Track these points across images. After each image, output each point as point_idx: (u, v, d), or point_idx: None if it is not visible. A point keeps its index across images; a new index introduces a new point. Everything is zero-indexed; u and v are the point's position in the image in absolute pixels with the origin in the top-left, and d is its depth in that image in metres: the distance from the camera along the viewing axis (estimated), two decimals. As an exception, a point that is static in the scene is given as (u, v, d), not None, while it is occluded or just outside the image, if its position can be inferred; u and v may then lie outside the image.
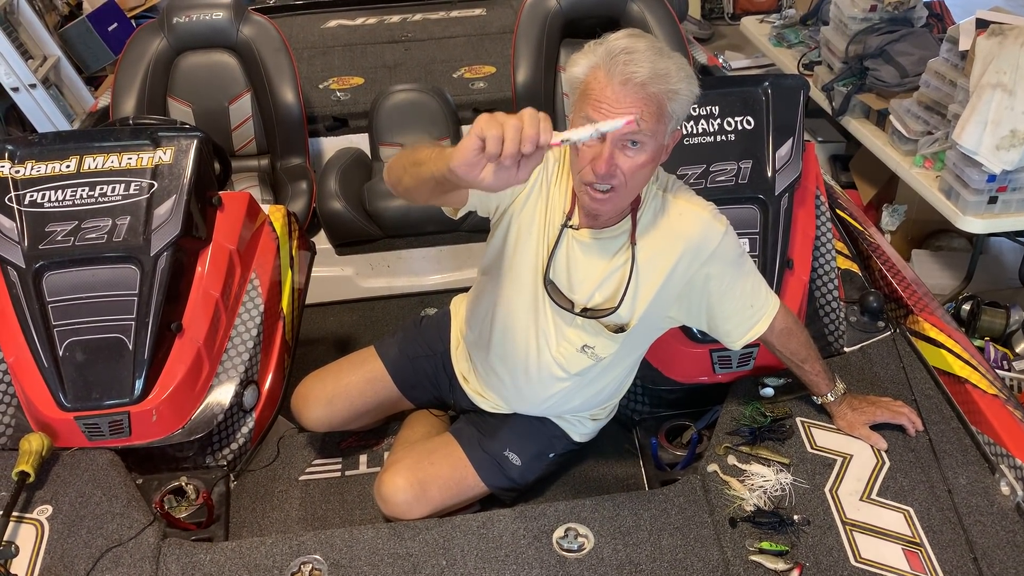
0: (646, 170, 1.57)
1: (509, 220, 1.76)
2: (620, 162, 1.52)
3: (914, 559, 1.62)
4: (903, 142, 3.33)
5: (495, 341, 1.88)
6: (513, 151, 1.24)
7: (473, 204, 1.71)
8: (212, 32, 3.05)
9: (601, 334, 1.77)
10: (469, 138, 1.28)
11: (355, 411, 2.08)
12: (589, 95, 1.51)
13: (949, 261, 3.47)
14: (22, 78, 4.09)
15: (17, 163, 2.08)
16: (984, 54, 2.85)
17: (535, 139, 1.25)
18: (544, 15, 3.07)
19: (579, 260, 1.73)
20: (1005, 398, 1.90)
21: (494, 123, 1.26)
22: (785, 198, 2.15)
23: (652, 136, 1.52)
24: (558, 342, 1.80)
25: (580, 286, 1.74)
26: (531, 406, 1.94)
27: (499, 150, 1.25)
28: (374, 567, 1.68)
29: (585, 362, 1.81)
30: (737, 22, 5.61)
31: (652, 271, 1.72)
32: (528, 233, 1.75)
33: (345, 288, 3.01)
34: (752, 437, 1.89)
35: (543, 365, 1.83)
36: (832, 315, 2.22)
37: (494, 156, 1.25)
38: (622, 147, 1.52)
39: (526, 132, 1.24)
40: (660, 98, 1.50)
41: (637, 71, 1.47)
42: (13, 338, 1.95)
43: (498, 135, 1.25)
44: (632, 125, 1.44)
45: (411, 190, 1.60)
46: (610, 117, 1.46)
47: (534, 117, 1.26)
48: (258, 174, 3.09)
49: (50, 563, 1.67)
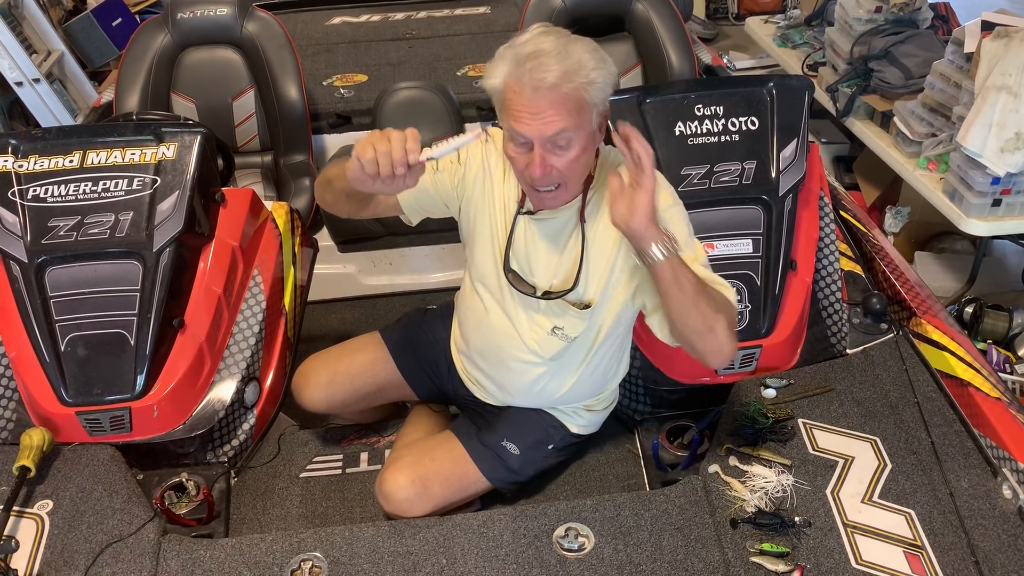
0: (582, 160, 1.60)
1: (465, 216, 1.83)
2: (554, 162, 1.56)
3: (915, 562, 1.61)
4: (907, 144, 3.32)
5: (472, 335, 1.92)
6: (387, 172, 1.46)
7: (415, 210, 1.83)
8: (216, 28, 3.05)
9: (567, 313, 1.78)
10: (352, 159, 1.49)
11: (356, 392, 2.08)
12: (508, 106, 1.54)
13: (952, 263, 3.47)
14: (26, 73, 4.09)
15: (20, 157, 2.08)
16: (989, 56, 2.84)
17: (403, 160, 1.46)
18: (549, 13, 3.07)
19: (536, 243, 1.76)
20: (1008, 401, 1.89)
21: (368, 147, 1.46)
22: (789, 199, 2.14)
23: (577, 130, 1.54)
24: (529, 327, 1.82)
25: (539, 269, 1.77)
26: (519, 397, 1.95)
27: (376, 171, 1.46)
28: (374, 565, 1.68)
29: (557, 344, 1.82)
30: (741, 22, 5.61)
31: (604, 245, 1.73)
32: (481, 225, 1.80)
33: (347, 285, 3.01)
34: (754, 438, 1.89)
35: (517, 353, 1.85)
36: (835, 316, 2.22)
37: (374, 175, 1.47)
38: (551, 149, 1.54)
39: (395, 155, 1.45)
40: (576, 93, 1.51)
41: (545, 76, 1.48)
42: (15, 333, 1.95)
43: (372, 158, 1.46)
44: (481, 137, 1.61)
45: (333, 204, 1.79)
46: (532, 124, 1.51)
47: (400, 139, 1.46)
48: (261, 170, 3.09)
49: (50, 558, 1.67)
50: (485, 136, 1.69)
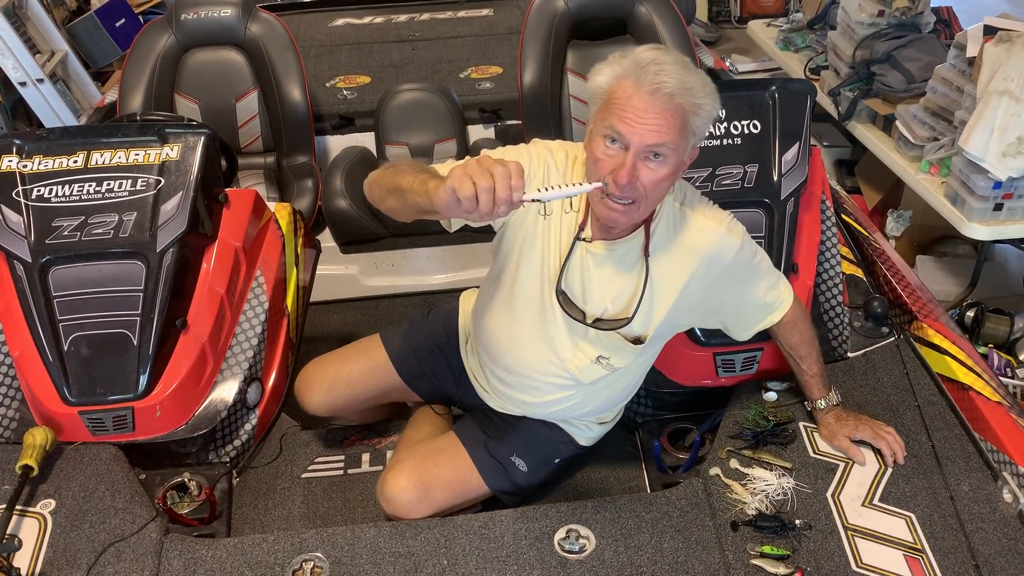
0: (665, 184, 1.57)
1: (513, 233, 1.76)
2: (641, 174, 1.52)
3: (915, 565, 1.62)
4: (909, 148, 3.33)
5: (502, 352, 1.88)
6: (487, 211, 1.31)
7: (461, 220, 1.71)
8: (220, 29, 3.05)
9: (617, 344, 1.77)
10: (445, 190, 1.34)
11: (356, 397, 2.08)
12: (614, 105, 1.51)
13: (954, 267, 3.47)
14: (30, 73, 4.10)
15: (25, 157, 2.08)
16: (991, 61, 2.85)
17: (507, 200, 1.31)
18: (552, 16, 3.07)
19: (592, 272, 1.72)
20: (1008, 405, 1.90)
21: (467, 181, 1.31)
22: (791, 202, 2.15)
23: (674, 150, 1.52)
24: (573, 353, 1.79)
25: (592, 298, 1.74)
26: (538, 411, 1.94)
27: (474, 207, 1.31)
28: (375, 565, 1.68)
29: (599, 372, 1.80)
30: (744, 26, 5.62)
31: (667, 284, 1.72)
32: (532, 246, 1.74)
33: (349, 286, 3.02)
34: (755, 441, 1.89)
35: (553, 376, 1.83)
36: (836, 320, 2.22)
37: (471, 211, 1.32)
38: (644, 158, 1.52)
39: (498, 194, 1.30)
40: (685, 111, 1.51)
41: (667, 81, 1.48)
42: (19, 332, 1.96)
43: (471, 195, 1.30)
44: (599, 190, 1.51)
45: (396, 212, 1.64)
46: (636, 127, 1.48)
47: (505, 176, 1.30)
48: (264, 172, 3.10)
49: (52, 557, 1.67)
50: (601, 194, 1.55)
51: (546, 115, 3.07)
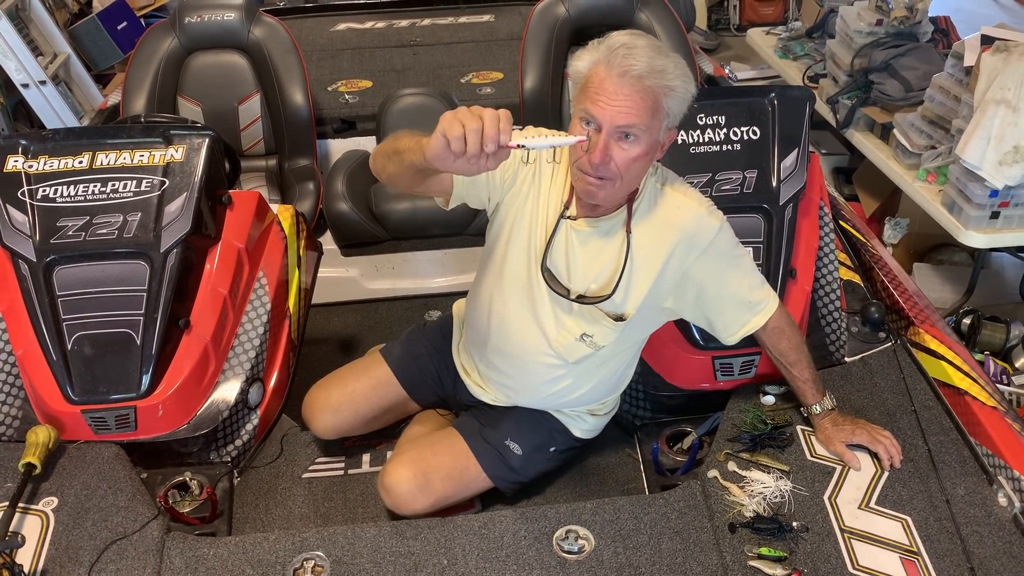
0: (639, 164, 1.62)
1: (504, 212, 1.82)
2: (614, 154, 1.58)
3: (911, 568, 1.63)
4: (906, 156, 3.35)
5: (492, 333, 1.91)
6: (475, 151, 1.38)
7: (460, 196, 1.78)
8: (223, 32, 3.07)
9: (600, 322, 1.80)
10: (436, 136, 1.41)
11: (362, 417, 2.11)
12: (588, 88, 1.58)
13: (950, 275, 3.49)
14: (32, 74, 4.12)
15: (30, 158, 2.10)
16: (989, 70, 2.87)
17: (495, 139, 1.38)
18: (553, 22, 3.09)
19: (576, 250, 1.77)
20: (1004, 410, 1.91)
21: (456, 123, 1.38)
22: (789, 208, 2.17)
23: (646, 130, 1.58)
24: (557, 331, 1.83)
25: (576, 274, 1.78)
26: (531, 398, 1.97)
27: (463, 149, 1.38)
28: (376, 564, 1.69)
29: (584, 350, 1.83)
30: (743, 33, 5.64)
31: (647, 260, 1.76)
32: (520, 224, 1.80)
33: (350, 289, 3.03)
34: (752, 444, 1.91)
35: (541, 354, 1.86)
36: (833, 325, 2.24)
37: (459, 153, 1.38)
38: (617, 138, 1.57)
39: (487, 132, 1.38)
40: (656, 92, 1.56)
41: (635, 64, 1.54)
42: (23, 331, 1.97)
43: (460, 135, 1.37)
44: (584, 143, 1.56)
45: (395, 176, 1.71)
46: (607, 109, 1.54)
47: (494, 118, 1.38)
48: (265, 174, 3.12)
49: (55, 554, 1.68)
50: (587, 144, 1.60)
51: (547, 120, 3.09)
